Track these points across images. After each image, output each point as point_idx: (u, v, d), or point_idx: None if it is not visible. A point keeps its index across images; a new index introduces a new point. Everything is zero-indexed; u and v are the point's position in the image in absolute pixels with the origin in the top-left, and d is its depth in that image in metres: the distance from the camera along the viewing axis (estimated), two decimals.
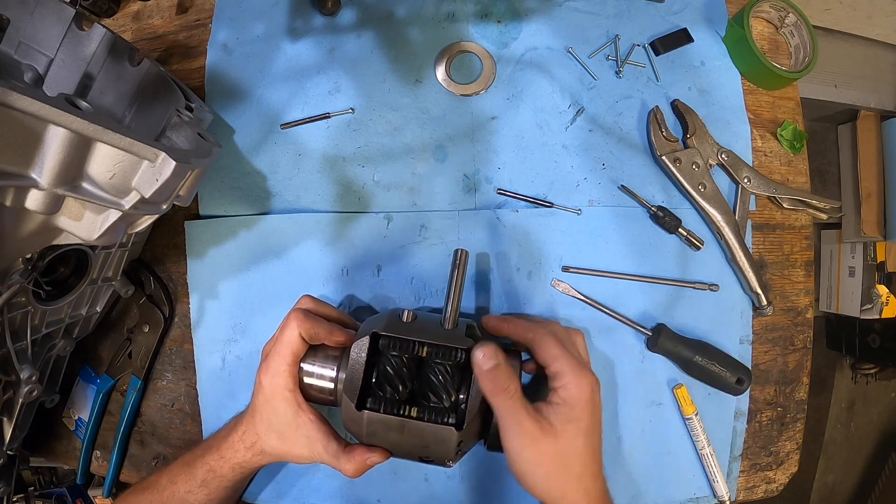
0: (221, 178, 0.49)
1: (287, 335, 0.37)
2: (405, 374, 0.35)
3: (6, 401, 0.38)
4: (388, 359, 0.35)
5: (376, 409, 0.34)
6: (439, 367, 0.35)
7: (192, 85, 0.49)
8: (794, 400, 0.49)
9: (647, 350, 0.47)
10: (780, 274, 0.50)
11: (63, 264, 0.40)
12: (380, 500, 0.45)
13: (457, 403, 0.35)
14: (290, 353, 0.37)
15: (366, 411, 0.34)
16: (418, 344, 0.35)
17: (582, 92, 0.49)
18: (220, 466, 0.40)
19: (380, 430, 0.35)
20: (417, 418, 0.34)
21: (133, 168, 0.29)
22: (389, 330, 0.35)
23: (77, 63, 0.43)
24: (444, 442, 0.34)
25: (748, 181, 0.48)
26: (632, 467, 0.46)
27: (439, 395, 0.35)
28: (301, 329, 0.37)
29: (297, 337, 0.37)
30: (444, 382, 0.35)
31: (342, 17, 0.50)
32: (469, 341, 0.35)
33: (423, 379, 0.36)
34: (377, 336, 0.35)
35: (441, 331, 0.36)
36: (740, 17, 0.49)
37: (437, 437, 0.34)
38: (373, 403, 0.35)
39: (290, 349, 0.37)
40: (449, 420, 0.34)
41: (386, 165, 0.48)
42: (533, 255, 0.47)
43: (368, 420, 0.34)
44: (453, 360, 0.35)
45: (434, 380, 0.35)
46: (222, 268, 0.48)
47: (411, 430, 0.34)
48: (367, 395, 0.35)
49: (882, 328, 1.18)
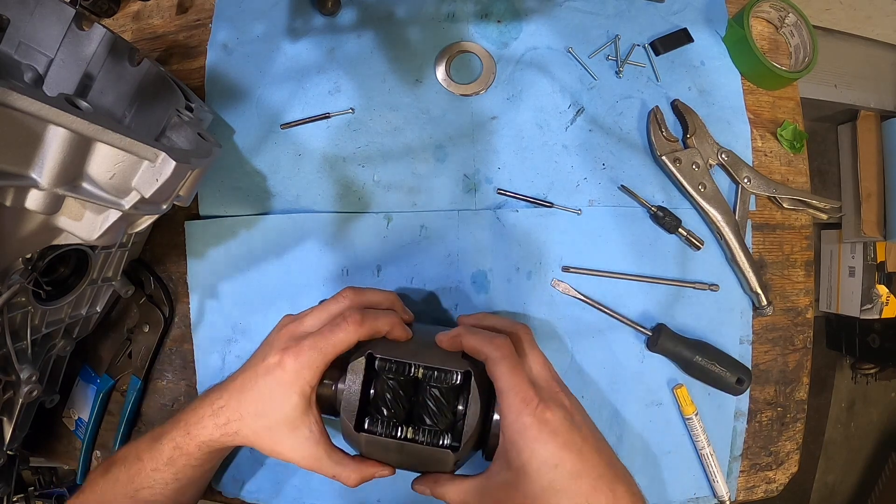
0: (221, 178, 0.49)
1: (340, 337, 0.35)
2: (402, 397, 0.35)
3: (6, 401, 0.38)
4: (384, 382, 0.35)
5: (373, 431, 0.35)
6: (434, 390, 0.35)
7: (192, 85, 0.49)
8: (794, 400, 0.49)
9: (647, 350, 0.47)
10: (780, 274, 0.50)
11: (63, 264, 0.40)
12: (379, 500, 0.45)
13: (454, 422, 0.35)
14: (335, 354, 0.35)
15: (363, 434, 0.34)
16: (414, 366, 0.35)
17: (582, 92, 0.49)
18: (186, 444, 0.37)
19: (378, 450, 0.35)
20: (413, 440, 0.34)
21: (133, 168, 0.29)
22: (385, 349, 0.36)
23: (77, 63, 0.43)
24: (441, 463, 0.35)
25: (748, 181, 0.48)
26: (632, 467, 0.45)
27: (434, 420, 0.35)
28: (359, 335, 0.35)
29: (352, 342, 0.35)
30: (439, 409, 0.35)
31: (342, 17, 0.50)
32: (465, 363, 0.35)
33: (419, 401, 0.36)
34: (373, 357, 0.35)
35: (436, 348, 0.37)
36: (740, 17, 0.49)
37: (434, 459, 0.35)
38: (370, 424, 0.35)
39: (336, 351, 0.35)
40: (444, 443, 0.34)
41: (386, 165, 0.48)
42: (533, 255, 0.47)
43: (367, 441, 0.35)
44: (449, 384, 0.35)
45: (430, 404, 0.35)
46: (222, 268, 0.48)
47: (408, 451, 0.35)
48: (365, 415, 0.35)
49: (882, 328, 1.18)
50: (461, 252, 0.47)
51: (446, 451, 0.34)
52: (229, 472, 0.46)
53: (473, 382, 0.34)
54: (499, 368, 0.34)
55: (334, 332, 0.35)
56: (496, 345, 0.35)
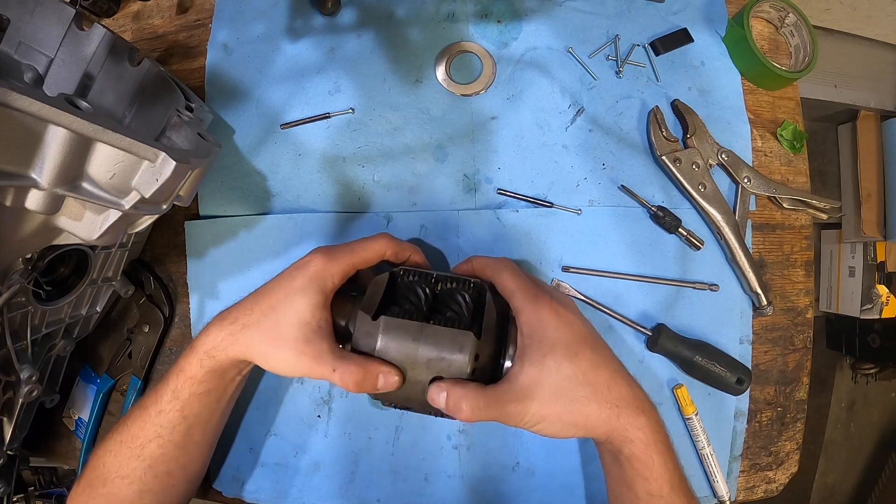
0: (221, 178, 0.49)
1: (372, 245, 0.37)
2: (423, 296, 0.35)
3: (6, 401, 0.38)
4: (405, 283, 0.36)
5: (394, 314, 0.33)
6: (457, 294, 0.36)
7: (192, 85, 0.49)
8: (794, 400, 0.49)
9: (647, 350, 0.47)
10: (780, 274, 0.50)
11: (63, 264, 0.40)
12: (380, 499, 0.45)
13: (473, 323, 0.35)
14: (363, 260, 0.37)
15: (383, 317, 0.33)
16: (434, 275, 0.36)
17: (582, 92, 0.49)
18: (189, 364, 0.35)
19: (396, 337, 0.33)
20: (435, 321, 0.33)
21: (133, 168, 0.29)
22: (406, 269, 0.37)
23: (77, 63, 0.43)
24: (462, 348, 0.32)
25: (748, 181, 0.48)
26: None
27: (454, 309, 0.35)
28: (389, 247, 0.38)
29: (382, 252, 0.37)
30: (460, 303, 0.35)
31: (342, 17, 0.50)
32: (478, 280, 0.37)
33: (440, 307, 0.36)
34: (396, 273, 0.36)
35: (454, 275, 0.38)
36: (740, 17, 0.49)
37: (454, 343, 0.32)
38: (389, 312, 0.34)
39: (364, 256, 0.37)
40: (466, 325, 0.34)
41: (386, 165, 0.48)
42: (533, 255, 0.47)
43: (385, 326, 0.33)
44: (468, 290, 0.36)
45: (450, 304, 0.36)
46: (222, 268, 0.48)
47: (429, 335, 0.33)
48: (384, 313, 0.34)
49: (882, 328, 1.18)
50: (461, 252, 0.47)
51: (468, 333, 0.32)
52: (230, 472, 0.46)
53: (486, 288, 0.36)
54: (507, 274, 0.36)
55: (367, 241, 0.38)
56: (501, 260, 0.38)
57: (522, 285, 0.35)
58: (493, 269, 0.37)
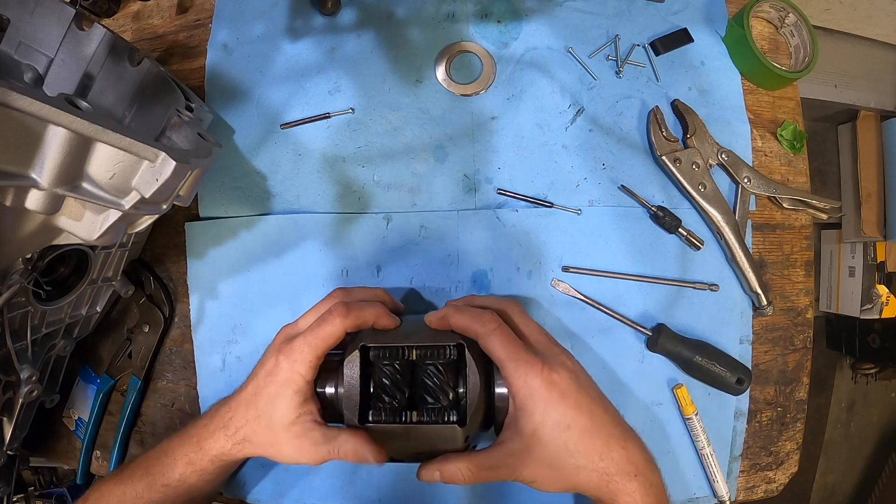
0: (221, 178, 0.49)
1: (328, 330, 0.35)
2: (401, 381, 0.35)
3: (6, 401, 0.38)
4: (381, 370, 0.35)
5: (378, 420, 0.34)
6: (431, 367, 0.35)
7: (192, 85, 0.49)
8: (794, 400, 0.49)
9: (647, 350, 0.47)
10: (780, 274, 0.50)
11: (63, 264, 0.40)
12: (380, 499, 0.45)
13: (457, 400, 0.35)
14: (325, 347, 0.35)
15: (368, 426, 0.34)
16: (407, 348, 0.35)
17: (582, 92, 0.49)
18: (199, 459, 0.38)
19: (386, 440, 0.35)
20: (419, 422, 0.34)
21: (133, 168, 0.29)
22: (377, 339, 0.36)
23: (77, 63, 0.43)
24: (451, 440, 0.34)
25: (748, 181, 0.48)
26: None
27: (436, 396, 0.35)
28: (346, 325, 0.35)
29: (340, 333, 0.35)
30: (439, 383, 0.35)
31: (342, 17, 0.50)
32: (457, 337, 0.35)
33: (418, 382, 0.36)
34: (366, 348, 0.35)
35: (428, 330, 0.37)
36: (740, 17, 0.49)
37: (442, 437, 0.34)
38: (374, 416, 0.35)
39: (326, 344, 0.35)
40: (451, 419, 0.34)
41: (386, 165, 0.48)
42: (533, 255, 0.47)
43: (373, 433, 0.34)
44: (444, 359, 0.35)
45: (429, 382, 0.35)
46: (222, 268, 0.48)
47: (416, 434, 0.34)
48: (368, 409, 0.35)
49: (882, 328, 1.18)
50: (461, 252, 0.47)
51: (453, 427, 0.33)
52: None
53: (468, 354, 0.34)
54: (491, 342, 0.34)
55: (322, 326, 0.36)
56: (483, 321, 0.35)
57: (511, 354, 0.34)
58: (476, 334, 0.35)
